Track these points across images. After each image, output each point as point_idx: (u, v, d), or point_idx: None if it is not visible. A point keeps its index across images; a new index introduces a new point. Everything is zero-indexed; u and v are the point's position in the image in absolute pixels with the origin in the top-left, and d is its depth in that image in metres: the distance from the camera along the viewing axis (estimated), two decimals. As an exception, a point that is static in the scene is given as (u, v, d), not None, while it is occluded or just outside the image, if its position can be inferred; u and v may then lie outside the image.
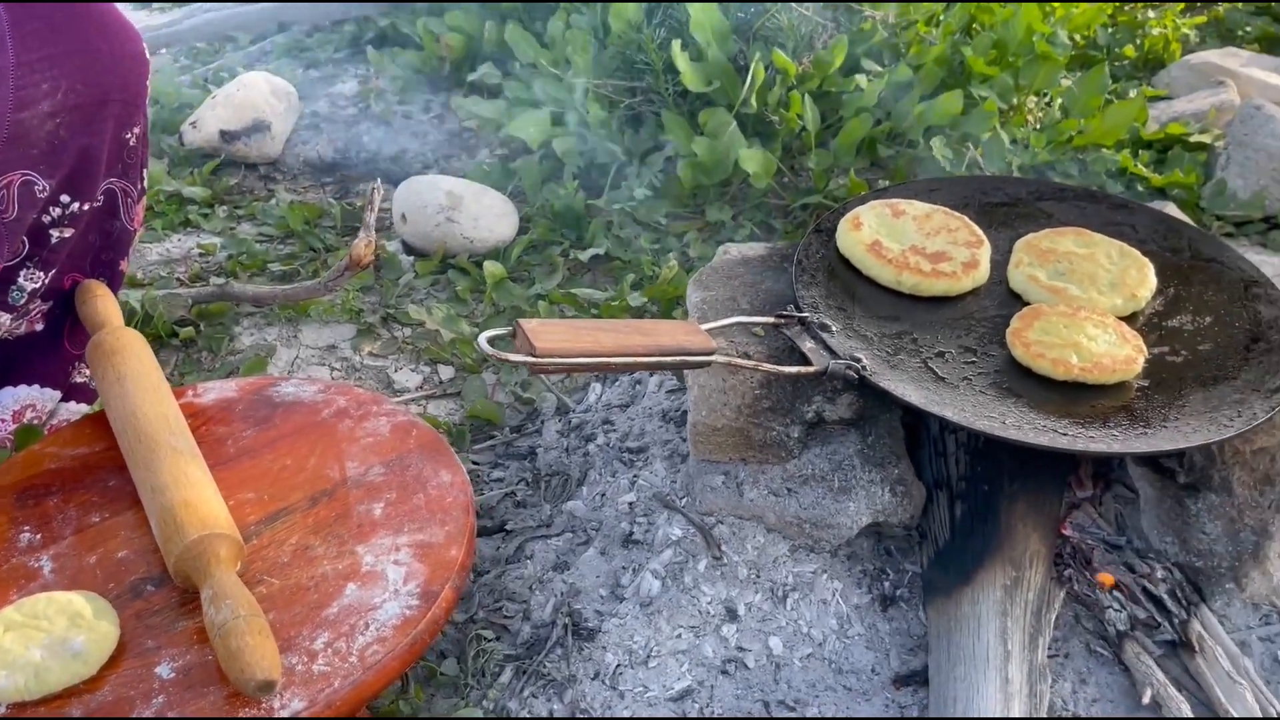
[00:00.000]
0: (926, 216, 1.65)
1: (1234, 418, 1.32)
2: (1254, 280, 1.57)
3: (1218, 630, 1.36)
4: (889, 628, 1.40)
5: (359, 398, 1.54)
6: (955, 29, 2.56)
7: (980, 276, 1.57)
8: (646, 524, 1.50)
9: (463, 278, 2.19)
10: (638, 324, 1.28)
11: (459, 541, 1.28)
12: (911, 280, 1.54)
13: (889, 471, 1.45)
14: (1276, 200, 2.36)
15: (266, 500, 1.35)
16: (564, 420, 1.79)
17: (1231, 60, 3.02)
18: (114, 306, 1.55)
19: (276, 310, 2.08)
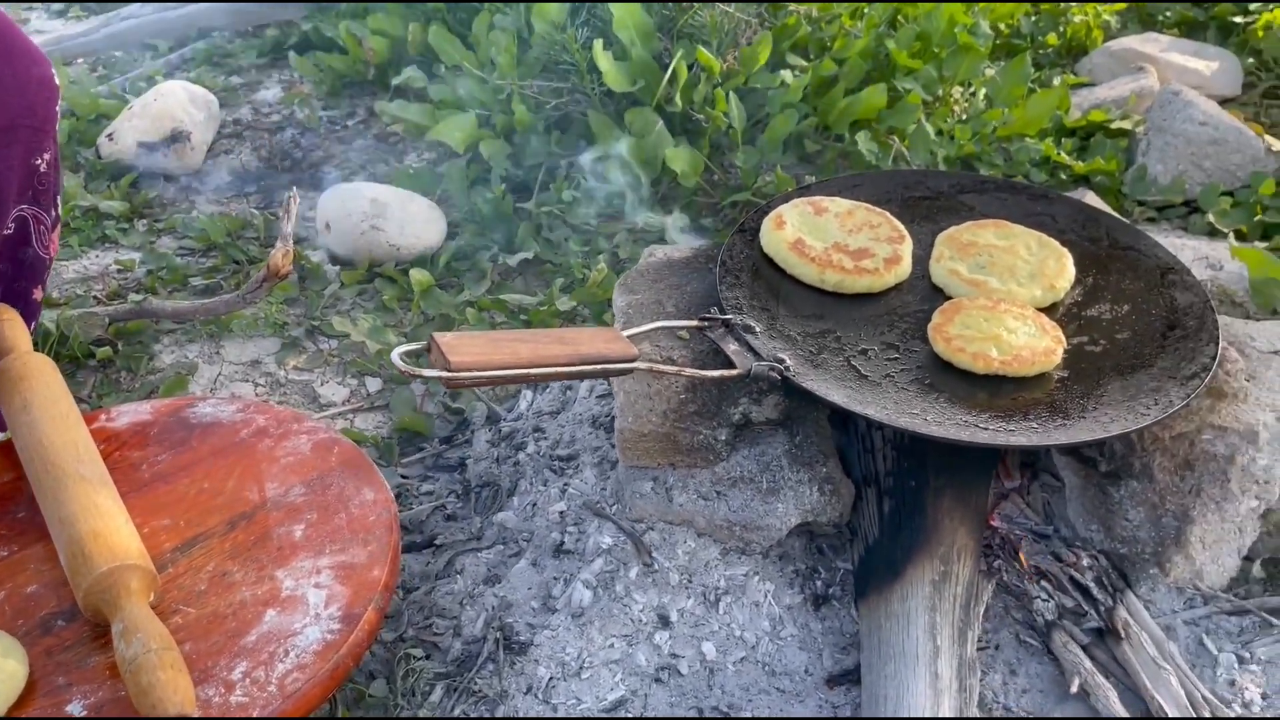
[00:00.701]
0: (849, 213, 1.65)
1: (1151, 406, 1.33)
2: (1170, 267, 1.59)
3: (1143, 616, 1.38)
4: (821, 627, 1.40)
5: (279, 416, 1.50)
6: (879, 22, 2.57)
7: (902, 272, 1.57)
8: (577, 533, 1.49)
9: (390, 286, 2.15)
10: (558, 333, 1.27)
11: (382, 561, 1.26)
12: (835, 278, 1.54)
13: (817, 470, 1.45)
14: (1196, 184, 2.40)
15: (182, 526, 1.32)
16: (494, 429, 1.77)
17: (1151, 46, 3.06)
18: (21, 331, 1.50)
19: (198, 326, 2.03)
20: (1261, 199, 2.32)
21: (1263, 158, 2.40)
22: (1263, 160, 2.40)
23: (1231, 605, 1.41)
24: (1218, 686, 1.32)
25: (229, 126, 2.88)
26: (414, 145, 2.74)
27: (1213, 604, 1.41)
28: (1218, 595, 1.41)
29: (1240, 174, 2.40)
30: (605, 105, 2.41)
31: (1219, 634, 1.38)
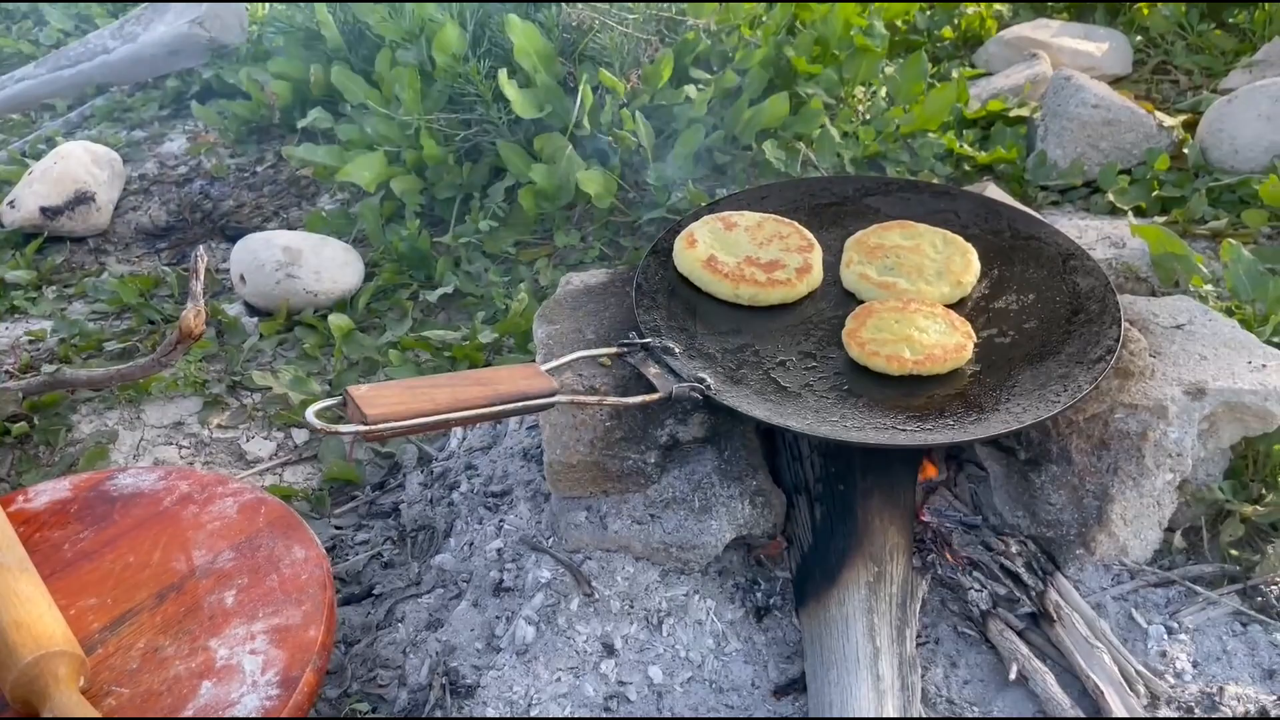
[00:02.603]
0: (758, 225, 1.67)
1: (1060, 393, 1.37)
2: (1071, 253, 1.64)
3: (1074, 596, 1.41)
4: (765, 639, 1.42)
5: (203, 480, 1.48)
6: (778, 29, 2.60)
7: (814, 280, 1.60)
8: (516, 569, 1.49)
9: (310, 334, 2.13)
10: (475, 374, 1.26)
11: (317, 620, 1.24)
12: (749, 292, 1.56)
13: (747, 484, 1.47)
14: (1095, 165, 2.47)
15: (110, 604, 1.29)
16: (426, 470, 1.76)
17: (1043, 31, 3.15)
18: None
19: (115, 392, 1.99)
20: (1158, 174, 2.39)
21: (1155, 134, 2.48)
22: (1155, 137, 2.48)
23: (1157, 577, 1.45)
24: (1149, 659, 1.36)
25: (135, 183, 2.83)
26: (326, 187, 2.71)
27: (1139, 578, 1.45)
28: (1143, 569, 1.45)
29: (1135, 152, 2.48)
30: (514, 133, 2.42)
31: (1147, 607, 1.42)
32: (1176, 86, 3.01)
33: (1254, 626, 1.39)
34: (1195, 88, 2.96)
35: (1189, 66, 3.05)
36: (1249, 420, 1.48)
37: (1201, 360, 1.50)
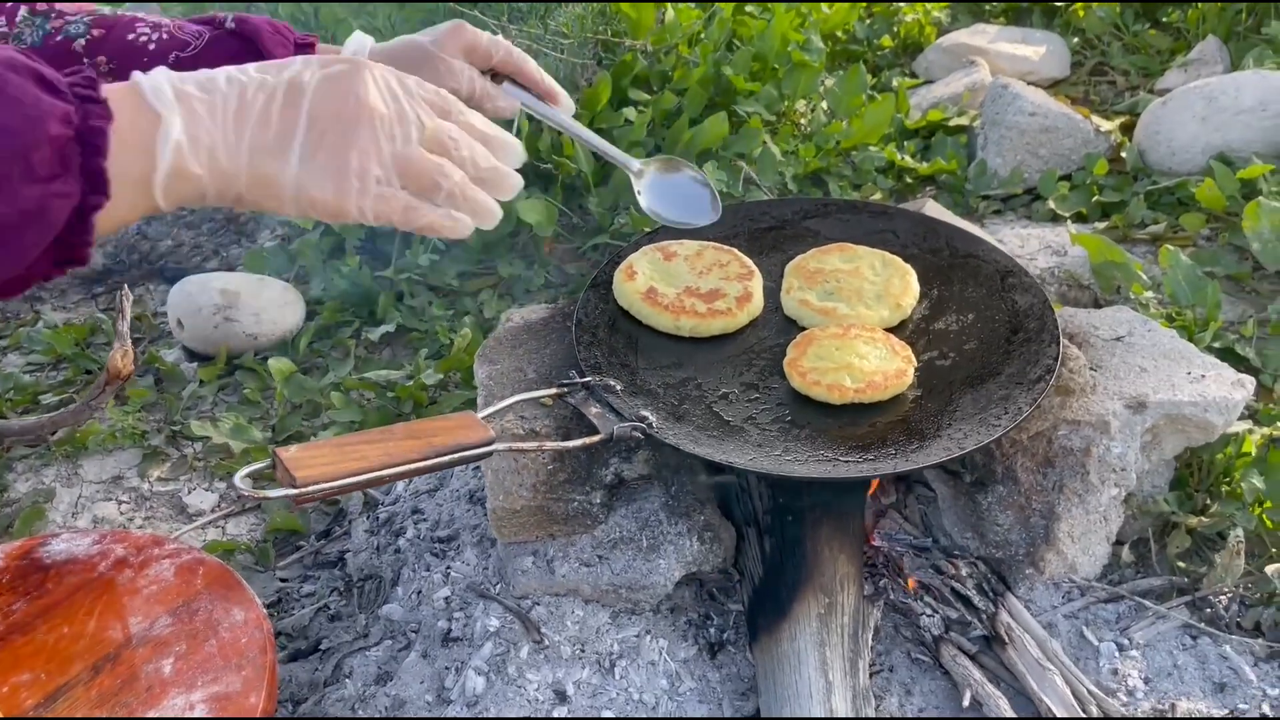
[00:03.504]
0: (698, 254, 1.66)
1: (1001, 415, 1.37)
2: (1009, 270, 1.64)
3: (1025, 617, 1.41)
4: (719, 675, 1.40)
5: (138, 542, 1.44)
6: (715, 47, 2.60)
7: (755, 308, 1.59)
8: (464, 618, 1.46)
9: (251, 378, 2.10)
10: (409, 427, 1.24)
11: (258, 686, 1.21)
12: (689, 323, 1.55)
13: (695, 520, 1.45)
14: (1035, 172, 2.48)
15: (44, 679, 1.25)
16: (372, 517, 1.73)
17: (980, 38, 3.17)
18: None
19: (52, 448, 1.95)
20: (1097, 180, 2.41)
21: (1093, 139, 2.50)
22: (1093, 141, 2.50)
23: (1106, 593, 1.45)
24: (1101, 677, 1.36)
25: (69, 226, 2.77)
26: (265, 223, 2.67)
27: (1089, 594, 1.45)
28: (1092, 585, 1.46)
29: (1075, 158, 2.50)
30: (453, 163, 2.39)
31: (1098, 623, 1.42)
32: (1114, 87, 3.04)
33: (1204, 639, 1.39)
34: (1132, 88, 2.99)
35: (1125, 67, 3.08)
36: (1190, 431, 1.48)
37: (1142, 373, 1.51)
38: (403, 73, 1.00)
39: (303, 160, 0.92)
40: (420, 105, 0.99)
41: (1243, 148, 2.32)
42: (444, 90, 1.02)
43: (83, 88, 0.83)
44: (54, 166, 0.79)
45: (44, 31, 1.19)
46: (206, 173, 0.89)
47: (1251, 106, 2.34)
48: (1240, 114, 2.34)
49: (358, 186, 0.94)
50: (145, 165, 0.86)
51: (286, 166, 0.92)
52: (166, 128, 0.86)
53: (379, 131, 0.95)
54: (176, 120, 0.87)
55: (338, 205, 0.94)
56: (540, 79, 1.32)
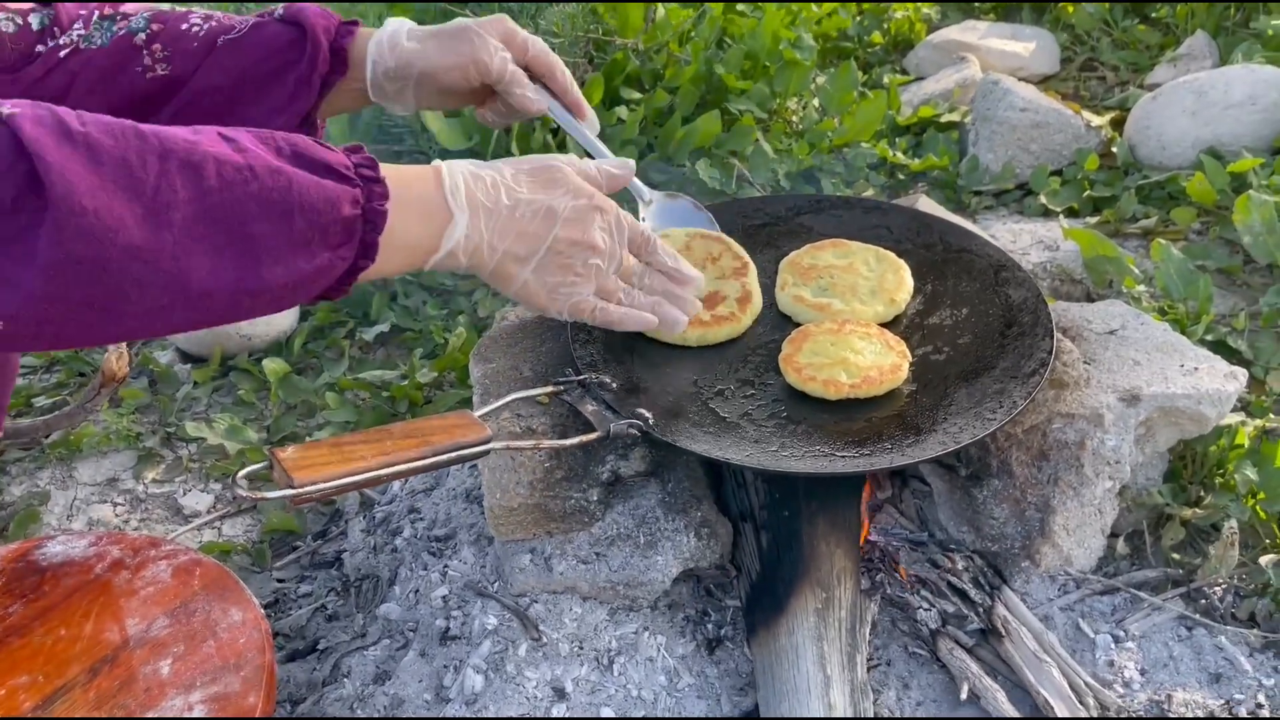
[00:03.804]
0: (686, 248, 1.61)
1: (996, 409, 1.37)
2: (1002, 265, 1.65)
3: (1021, 610, 1.42)
4: (717, 671, 1.41)
5: (134, 544, 1.44)
6: (707, 45, 2.60)
7: (756, 308, 1.57)
8: (462, 616, 1.46)
9: (245, 379, 2.09)
10: (406, 426, 1.24)
11: (257, 686, 1.21)
12: (695, 335, 1.52)
13: (692, 516, 1.45)
14: (1026, 168, 2.49)
15: (42, 681, 1.25)
16: (369, 516, 1.73)
17: (970, 34, 3.19)
18: None
19: (46, 450, 1.94)
20: (1088, 175, 2.42)
21: (1084, 134, 2.51)
22: (1084, 137, 2.51)
23: (1102, 585, 1.46)
24: (1098, 669, 1.36)
25: (61, 228, 2.76)
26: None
27: (1084, 587, 1.46)
28: (1088, 578, 1.46)
29: (1065, 153, 2.51)
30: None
31: (1094, 616, 1.43)
32: (1104, 83, 3.05)
33: (1199, 630, 1.40)
34: (1122, 83, 3.00)
35: (1115, 63, 3.09)
36: (1184, 423, 1.49)
37: (1135, 366, 1.52)
38: (622, 211, 1.28)
39: (536, 271, 1.22)
40: (624, 245, 1.29)
41: (1232, 142, 2.33)
42: (647, 231, 1.33)
43: (367, 169, 1.04)
44: (342, 238, 1.02)
45: (111, 33, 1.32)
46: (467, 259, 1.16)
47: (1241, 101, 2.35)
48: (1229, 108, 2.35)
49: (566, 297, 1.26)
50: (430, 246, 1.12)
51: (524, 271, 1.21)
52: (454, 226, 1.12)
53: (591, 264, 1.25)
54: (464, 221, 1.13)
55: (549, 304, 1.26)
56: (569, 88, 1.46)
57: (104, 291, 0.90)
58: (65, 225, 0.86)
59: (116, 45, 1.31)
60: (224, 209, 0.93)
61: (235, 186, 0.94)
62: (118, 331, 0.99)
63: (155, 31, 1.32)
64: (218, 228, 0.93)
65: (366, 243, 1.04)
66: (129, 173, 0.90)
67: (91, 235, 0.87)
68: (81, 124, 0.90)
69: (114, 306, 0.92)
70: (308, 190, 0.97)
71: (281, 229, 0.97)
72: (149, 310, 0.94)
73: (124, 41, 1.31)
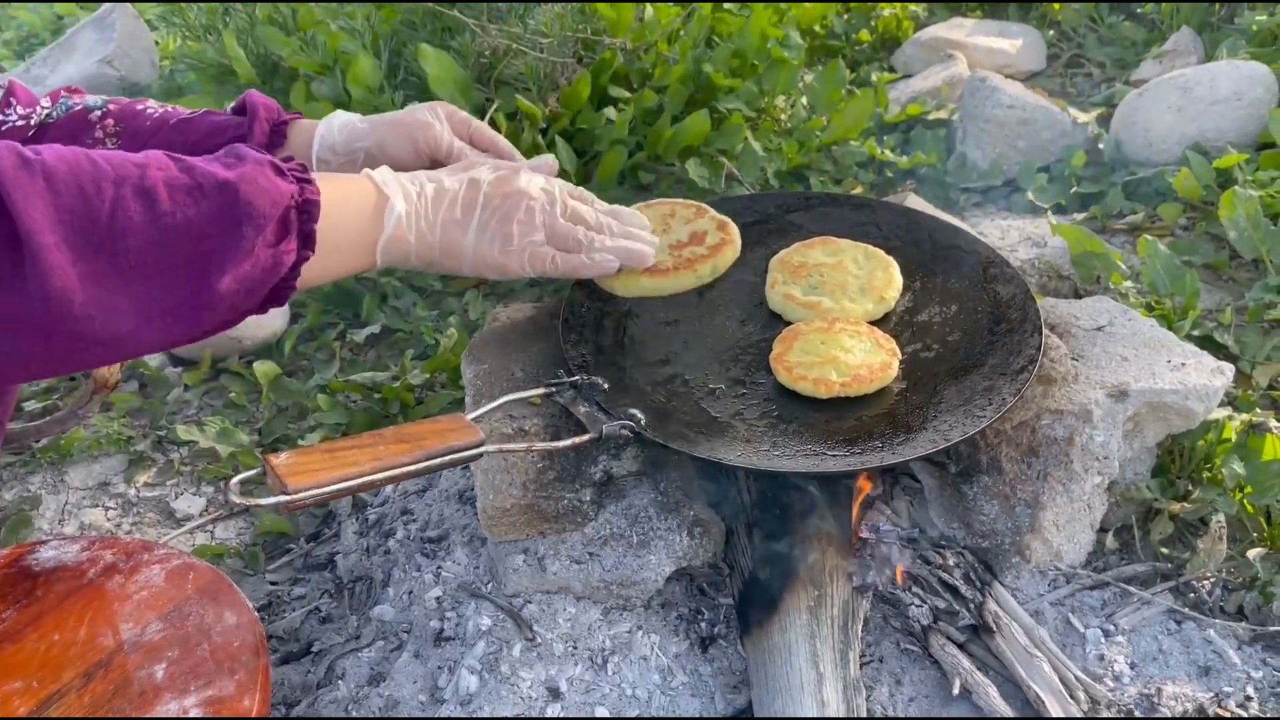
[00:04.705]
0: (671, 213, 1.70)
1: (985, 406, 1.38)
2: (991, 261, 1.65)
3: (1012, 605, 1.43)
4: (711, 669, 1.41)
5: (127, 548, 1.44)
6: (695, 44, 2.61)
7: (736, 234, 1.67)
8: (456, 617, 1.47)
9: (236, 381, 2.09)
10: (399, 431, 1.24)
11: (251, 690, 1.22)
12: (708, 267, 1.61)
13: (684, 515, 1.46)
14: (1014, 164, 2.50)
15: (36, 687, 1.25)
16: (361, 518, 1.73)
17: (957, 32, 3.20)
18: None
19: (37, 455, 1.94)
20: (1075, 171, 2.44)
21: (1071, 131, 2.52)
22: (1071, 133, 2.52)
23: (1092, 580, 1.47)
24: (1088, 663, 1.37)
25: (49, 231, 2.75)
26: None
27: (1074, 582, 1.47)
28: (1077, 572, 1.47)
29: (1053, 149, 2.52)
30: (435, 163, 2.39)
31: (1084, 610, 1.44)
32: (1090, 79, 3.07)
33: (1188, 624, 1.41)
34: (1108, 79, 3.02)
35: (1101, 59, 3.11)
36: (1172, 419, 1.50)
37: (1123, 361, 1.53)
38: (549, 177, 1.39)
39: (479, 231, 1.28)
40: (563, 192, 1.37)
41: (1218, 137, 2.35)
42: (581, 190, 1.42)
43: (299, 172, 1.09)
44: (280, 233, 1.06)
45: (68, 107, 1.41)
46: (414, 240, 1.23)
47: (1226, 96, 2.36)
48: (1215, 104, 2.36)
49: (518, 250, 1.31)
50: (375, 231, 1.20)
51: (467, 236, 1.28)
52: (393, 205, 1.20)
53: (534, 209, 1.32)
54: (400, 201, 1.21)
55: (504, 263, 1.31)
56: (514, 155, 1.54)
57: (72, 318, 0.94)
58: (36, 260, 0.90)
59: (71, 118, 1.40)
60: (176, 231, 0.98)
61: (187, 208, 0.98)
62: (95, 357, 1.02)
63: (111, 110, 1.41)
64: (171, 249, 0.98)
65: (305, 233, 1.08)
66: (85, 200, 0.94)
67: (56, 266, 0.91)
68: (35, 152, 0.94)
69: (84, 332, 0.96)
70: (253, 199, 1.02)
71: (231, 241, 1.01)
72: (116, 336, 0.98)
73: (79, 115, 1.40)
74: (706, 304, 1.63)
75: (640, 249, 1.48)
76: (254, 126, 1.42)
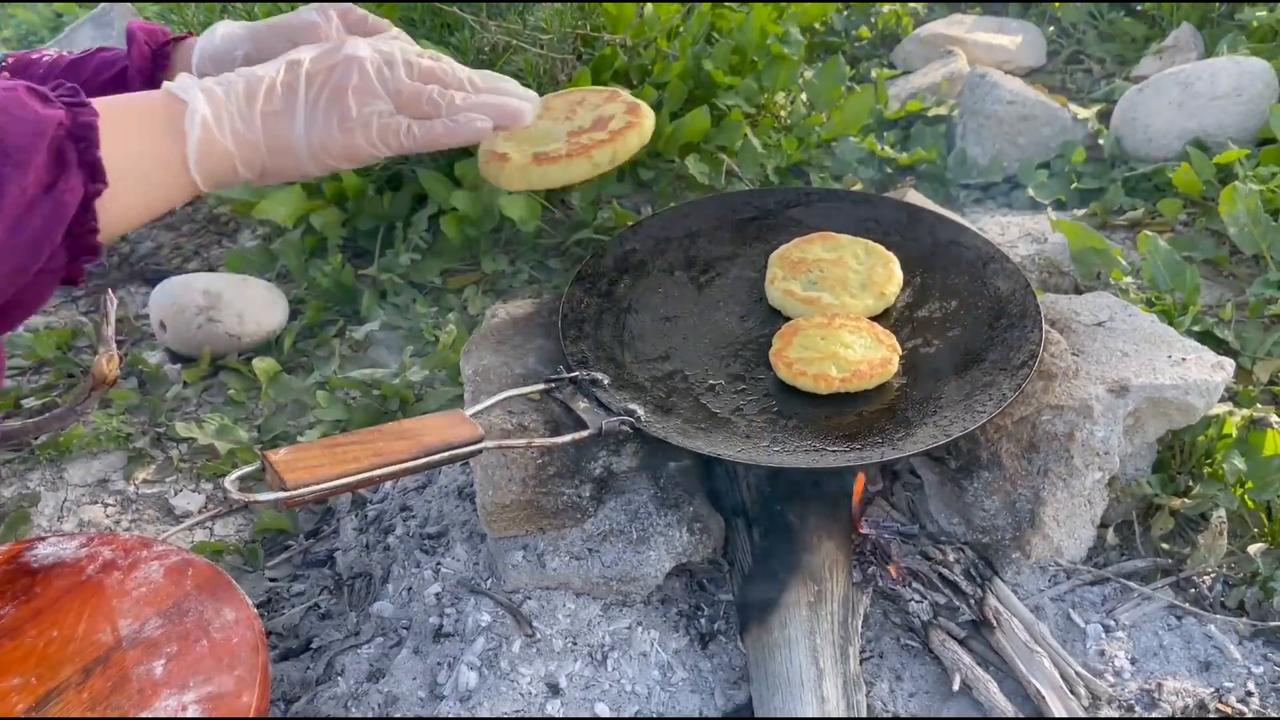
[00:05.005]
0: (551, 103, 1.36)
1: (986, 402, 1.38)
2: (991, 257, 1.65)
3: (1012, 601, 1.43)
4: (711, 665, 1.41)
5: (126, 545, 1.44)
6: (694, 40, 2.60)
7: (647, 130, 1.31)
8: (456, 614, 1.47)
9: (236, 378, 2.09)
10: (398, 427, 1.24)
11: (251, 686, 1.21)
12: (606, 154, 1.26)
13: (684, 511, 1.46)
14: (1014, 161, 2.50)
15: (34, 683, 1.25)
16: (360, 515, 1.73)
17: (957, 28, 3.19)
18: None
19: (36, 452, 1.93)
20: (1075, 167, 2.43)
21: (1071, 127, 2.52)
22: (1071, 129, 2.52)
23: (1092, 576, 1.47)
24: (1089, 658, 1.37)
25: (47, 229, 2.75)
26: (246, 223, 2.66)
27: (1075, 577, 1.47)
28: (1078, 568, 1.47)
29: (1053, 145, 2.51)
30: (434, 160, 2.38)
31: (1084, 606, 1.44)
32: (1090, 75, 3.06)
33: (1188, 619, 1.41)
34: (1108, 76, 3.01)
35: (1101, 55, 3.10)
36: (1172, 414, 1.50)
37: (1123, 357, 1.52)
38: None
39: (309, 115, 1.05)
40: (408, 50, 1.12)
41: (1218, 133, 2.34)
42: (433, 51, 1.16)
43: (69, 96, 0.94)
44: (55, 167, 0.90)
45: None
46: (232, 144, 1.02)
47: (1226, 92, 2.36)
48: (1215, 100, 2.36)
49: (361, 124, 1.06)
50: (178, 145, 0.99)
51: (295, 124, 1.04)
52: (193, 108, 1.00)
53: (369, 72, 1.07)
54: (200, 102, 1.00)
55: (347, 144, 1.06)
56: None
57: None
58: None
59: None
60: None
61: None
62: None
63: (8, 63, 1.33)
64: None
65: (89, 164, 0.92)
66: None
67: None
68: None
69: None
70: (3, 131, 0.88)
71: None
72: None
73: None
74: (706, 299, 1.63)
75: (514, 104, 1.17)
76: (132, 52, 1.30)
